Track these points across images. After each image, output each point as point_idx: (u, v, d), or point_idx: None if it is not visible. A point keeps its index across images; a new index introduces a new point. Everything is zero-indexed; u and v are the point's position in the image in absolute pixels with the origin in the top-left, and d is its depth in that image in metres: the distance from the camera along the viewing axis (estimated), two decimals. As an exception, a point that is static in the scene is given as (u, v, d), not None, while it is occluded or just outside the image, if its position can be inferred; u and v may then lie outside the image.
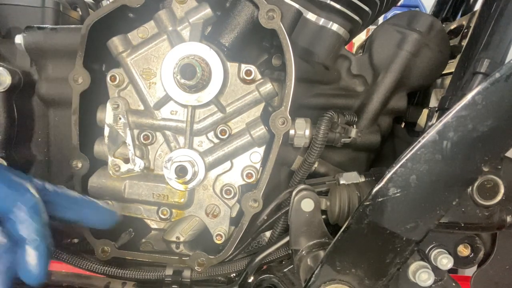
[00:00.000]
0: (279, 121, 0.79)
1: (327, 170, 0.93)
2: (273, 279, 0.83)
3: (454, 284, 0.76)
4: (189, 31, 0.79)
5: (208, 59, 0.75)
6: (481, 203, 0.69)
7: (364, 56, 0.98)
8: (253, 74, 0.79)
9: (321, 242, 0.78)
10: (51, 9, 1.07)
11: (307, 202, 0.78)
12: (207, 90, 0.76)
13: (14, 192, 0.53)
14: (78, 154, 0.83)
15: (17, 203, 0.53)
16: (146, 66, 0.80)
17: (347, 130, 0.89)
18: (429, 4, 1.52)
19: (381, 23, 0.99)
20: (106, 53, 0.80)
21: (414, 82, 0.98)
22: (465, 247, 0.79)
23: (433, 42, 0.95)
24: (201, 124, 0.80)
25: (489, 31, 0.79)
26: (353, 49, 2.12)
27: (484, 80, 0.60)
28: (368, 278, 0.68)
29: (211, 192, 0.83)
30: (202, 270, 0.84)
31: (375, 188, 0.64)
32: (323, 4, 0.88)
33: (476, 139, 0.61)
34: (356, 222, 0.65)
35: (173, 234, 0.85)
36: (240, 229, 0.82)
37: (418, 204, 0.64)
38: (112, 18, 0.80)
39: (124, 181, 0.81)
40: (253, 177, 0.82)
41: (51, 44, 0.90)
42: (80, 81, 0.81)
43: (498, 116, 0.60)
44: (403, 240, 0.65)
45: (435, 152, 0.62)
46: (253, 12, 0.82)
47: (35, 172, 0.97)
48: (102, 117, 0.82)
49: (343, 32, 0.92)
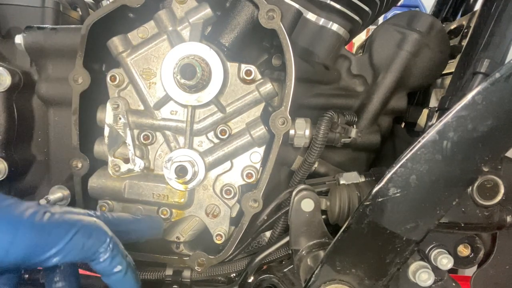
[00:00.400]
0: (279, 121, 0.79)
1: (327, 170, 0.93)
2: (273, 279, 0.83)
3: (454, 284, 0.76)
4: (189, 31, 0.79)
5: (208, 59, 0.75)
6: (481, 203, 0.69)
7: (364, 56, 0.98)
8: (253, 74, 0.79)
9: (321, 242, 0.78)
10: (51, 9, 1.07)
11: (307, 202, 0.78)
12: (207, 90, 0.76)
13: (96, 242, 0.58)
14: (78, 154, 0.83)
15: (99, 250, 0.58)
16: (146, 66, 0.80)
17: (347, 130, 0.88)
18: (429, 4, 1.52)
19: (381, 23, 0.99)
20: (106, 53, 0.80)
21: (414, 82, 0.98)
22: (465, 247, 0.79)
23: (433, 42, 0.95)
24: (201, 124, 0.80)
25: (489, 31, 0.79)
26: (353, 49, 2.12)
27: (484, 80, 0.60)
28: (368, 278, 0.68)
29: (211, 192, 0.83)
30: (202, 270, 0.84)
31: (375, 188, 0.64)
32: (323, 4, 0.88)
33: (476, 139, 0.61)
34: (356, 222, 0.65)
35: (173, 234, 0.85)
36: (240, 229, 0.82)
37: (418, 204, 0.64)
38: (112, 18, 0.80)
39: (124, 181, 0.81)
40: (253, 177, 0.82)
41: (51, 44, 0.90)
42: (80, 81, 0.81)
43: (498, 116, 0.60)
44: (403, 240, 0.65)
45: (435, 152, 0.62)
46: (253, 12, 0.82)
47: (35, 172, 0.97)
48: (102, 117, 0.82)
49: (343, 32, 0.92)
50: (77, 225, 0.57)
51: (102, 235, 0.59)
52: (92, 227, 0.59)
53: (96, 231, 0.59)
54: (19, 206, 0.55)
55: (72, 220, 0.57)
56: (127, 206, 0.84)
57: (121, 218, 0.69)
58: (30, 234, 0.53)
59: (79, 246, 0.56)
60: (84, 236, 0.57)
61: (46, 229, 0.54)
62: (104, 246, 0.58)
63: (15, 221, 0.53)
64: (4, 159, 0.89)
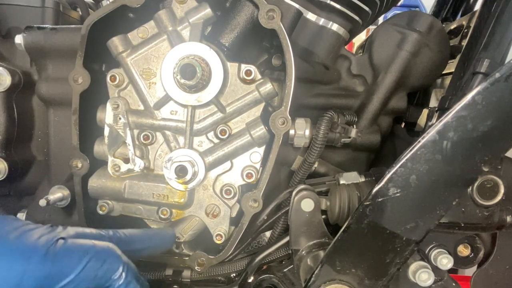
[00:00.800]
0: (279, 121, 0.79)
1: (327, 170, 0.93)
2: (273, 279, 0.83)
3: (454, 284, 0.76)
4: (189, 31, 0.79)
5: (208, 59, 0.75)
6: (481, 203, 0.69)
7: (364, 56, 0.98)
8: (253, 74, 0.79)
9: (321, 242, 0.78)
10: (51, 9, 1.07)
11: (307, 202, 0.78)
12: (207, 90, 0.76)
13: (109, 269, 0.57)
14: (78, 154, 0.83)
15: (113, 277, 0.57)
16: (146, 66, 0.80)
17: (347, 130, 0.88)
18: (429, 4, 1.52)
19: (381, 23, 0.99)
20: (106, 53, 0.80)
21: (414, 82, 0.98)
22: (465, 247, 0.79)
23: (433, 42, 0.95)
24: (201, 124, 0.80)
25: (489, 31, 0.79)
26: (353, 49, 2.12)
27: (484, 80, 0.60)
28: (368, 278, 0.68)
29: (211, 192, 0.83)
30: (202, 270, 0.84)
31: (375, 188, 0.64)
32: (323, 4, 0.88)
33: (476, 139, 0.61)
34: (356, 222, 0.65)
35: (173, 234, 0.85)
36: (240, 229, 0.82)
37: (418, 204, 0.64)
38: (112, 18, 0.80)
39: (124, 181, 0.81)
40: (253, 177, 0.82)
41: (51, 44, 0.90)
42: (80, 81, 0.81)
43: (498, 116, 0.60)
44: (403, 240, 0.65)
45: (435, 152, 0.62)
46: (253, 12, 0.82)
47: (35, 172, 0.97)
48: (102, 117, 0.82)
49: (343, 32, 0.92)
50: (90, 252, 0.56)
51: (115, 261, 0.58)
52: (105, 253, 0.57)
53: (110, 258, 0.57)
54: (32, 233, 0.53)
55: (85, 247, 0.56)
56: (127, 206, 0.84)
57: (134, 236, 0.68)
58: (43, 264, 0.52)
59: (91, 275, 0.55)
60: (97, 263, 0.55)
61: (58, 259, 0.53)
62: (117, 273, 0.57)
63: (29, 250, 0.52)
64: (4, 159, 0.89)
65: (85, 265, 0.54)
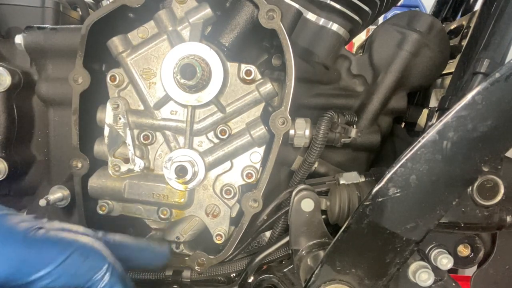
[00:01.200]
0: (279, 121, 0.79)
1: (327, 170, 0.93)
2: (273, 279, 0.83)
3: (454, 284, 0.76)
4: (189, 31, 0.79)
5: (208, 59, 0.75)
6: (481, 203, 0.69)
7: (364, 56, 0.98)
8: (253, 74, 0.79)
9: (321, 242, 0.78)
10: (51, 9, 1.07)
11: (307, 202, 0.78)
12: (207, 90, 0.76)
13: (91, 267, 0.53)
14: (78, 154, 0.83)
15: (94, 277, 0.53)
16: (146, 66, 0.80)
17: (347, 130, 0.88)
18: (429, 4, 1.52)
19: (381, 23, 0.99)
20: (106, 53, 0.80)
21: (414, 82, 0.98)
22: (465, 247, 0.79)
23: (433, 42, 0.95)
24: (201, 124, 0.80)
25: (489, 31, 0.79)
26: (353, 49, 2.12)
27: (484, 80, 0.60)
28: (368, 278, 0.68)
29: (211, 192, 0.83)
30: (202, 270, 0.84)
31: (375, 188, 0.64)
32: (323, 4, 0.88)
33: (476, 139, 0.61)
34: (356, 222, 0.65)
35: (173, 234, 0.85)
36: (240, 229, 0.82)
37: (418, 204, 0.64)
38: (112, 18, 0.80)
39: (124, 181, 0.81)
40: (253, 177, 0.82)
41: (51, 44, 0.90)
42: (80, 81, 0.81)
43: (498, 116, 0.60)
44: (403, 240, 0.65)
45: (435, 152, 0.62)
46: (253, 12, 0.82)
47: (35, 172, 0.97)
48: (102, 117, 0.82)
49: (343, 32, 0.92)
50: (73, 245, 0.52)
51: (99, 259, 0.53)
52: (89, 249, 0.53)
53: (94, 255, 0.53)
54: (13, 217, 0.50)
55: (68, 239, 0.52)
56: (127, 206, 0.84)
57: (123, 244, 0.63)
58: (19, 248, 0.48)
59: (71, 271, 0.51)
60: (79, 258, 0.51)
61: (37, 246, 0.49)
62: (100, 273, 0.52)
63: (5, 232, 0.49)
64: (4, 159, 0.89)
65: (66, 258, 0.50)
